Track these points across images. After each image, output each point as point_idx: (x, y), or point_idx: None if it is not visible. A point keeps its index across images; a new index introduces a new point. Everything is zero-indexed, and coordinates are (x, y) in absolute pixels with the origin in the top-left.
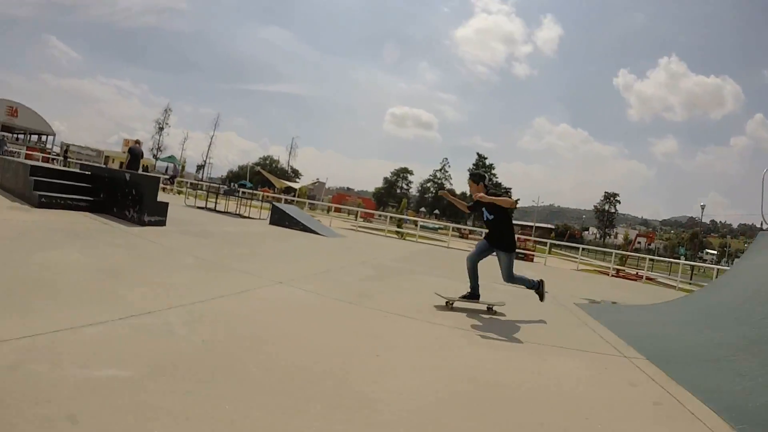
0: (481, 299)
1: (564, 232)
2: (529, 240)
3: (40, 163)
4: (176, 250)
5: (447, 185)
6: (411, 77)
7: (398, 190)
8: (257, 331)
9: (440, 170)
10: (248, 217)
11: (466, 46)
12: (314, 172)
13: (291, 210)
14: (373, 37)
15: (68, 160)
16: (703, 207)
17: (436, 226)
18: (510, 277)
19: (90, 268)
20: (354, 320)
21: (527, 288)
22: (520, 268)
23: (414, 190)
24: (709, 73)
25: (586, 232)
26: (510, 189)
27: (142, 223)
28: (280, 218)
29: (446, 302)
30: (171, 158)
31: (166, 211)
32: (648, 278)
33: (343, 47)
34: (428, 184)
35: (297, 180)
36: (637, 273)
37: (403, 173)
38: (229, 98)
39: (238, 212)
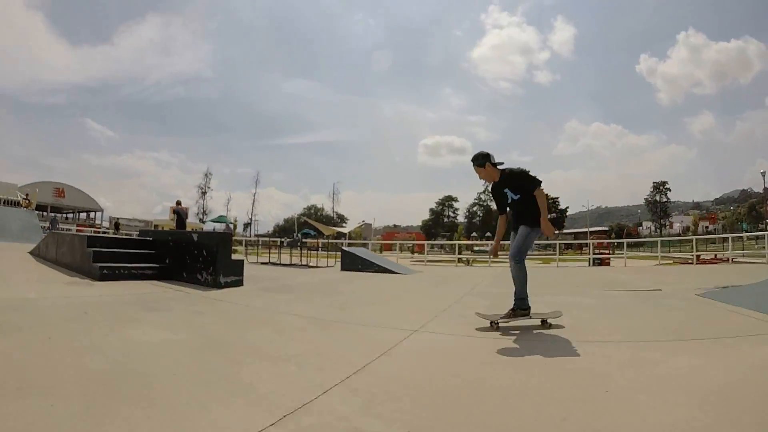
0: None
1: (619, 232)
2: (602, 243)
3: (97, 234)
4: (269, 310)
5: (493, 206)
6: (437, 105)
7: (445, 219)
8: (472, 401)
9: (483, 192)
10: (316, 267)
11: (485, 65)
12: (358, 214)
13: (361, 252)
14: (393, 72)
15: (119, 232)
16: (763, 174)
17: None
18: (518, 254)
19: (184, 346)
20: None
21: (517, 291)
22: (598, 274)
23: (461, 217)
24: (729, 38)
25: (640, 228)
26: (557, 198)
27: (218, 285)
28: (351, 262)
29: (490, 323)
30: (222, 218)
31: (242, 270)
32: (728, 260)
33: (366, 87)
34: (474, 208)
35: (344, 225)
36: (715, 256)
37: (447, 201)
38: (265, 155)
39: (304, 263)
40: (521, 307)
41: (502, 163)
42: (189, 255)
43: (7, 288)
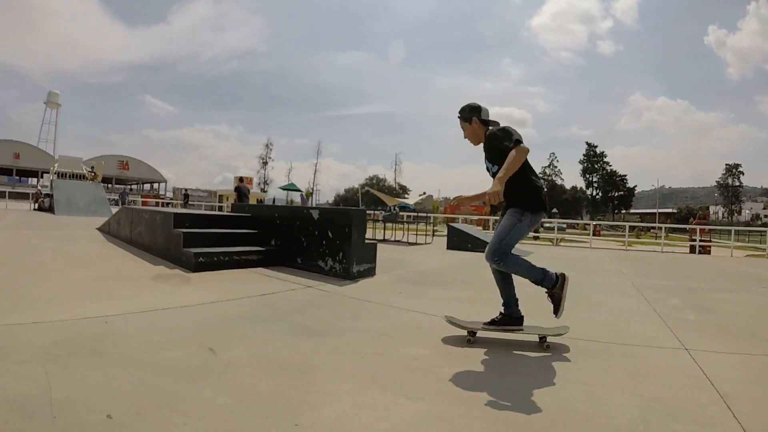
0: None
1: (688, 215)
2: (704, 230)
3: (185, 210)
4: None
5: (558, 181)
6: (496, 76)
7: None
8: None
9: (548, 166)
10: (416, 244)
11: (545, 34)
12: (418, 186)
13: (469, 229)
14: (450, 42)
15: (189, 204)
16: None
17: (559, 224)
18: (498, 252)
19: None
20: None
21: (531, 281)
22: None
23: None
24: None
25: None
26: (626, 176)
27: (351, 276)
28: (460, 240)
29: (468, 333)
30: (292, 185)
31: (376, 255)
32: None
33: (422, 58)
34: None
35: (406, 196)
36: None
37: None
38: (321, 126)
39: (398, 239)
40: (548, 283)
41: (496, 123)
42: (306, 236)
43: (77, 295)
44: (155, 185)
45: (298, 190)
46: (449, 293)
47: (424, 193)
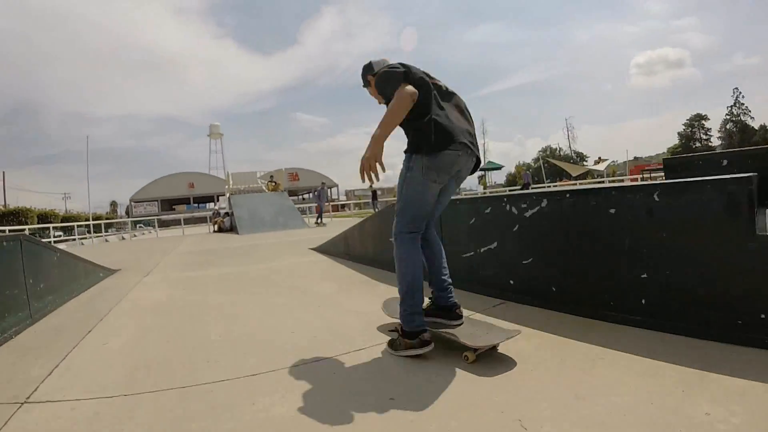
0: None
1: None
2: None
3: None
4: None
5: (748, 121)
6: (636, 16)
7: (698, 143)
8: None
9: (734, 105)
10: None
11: None
12: (588, 151)
13: None
14: None
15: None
16: None
17: None
18: (399, 225)
19: None
20: None
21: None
22: None
23: (714, 140)
24: None
25: None
26: None
27: None
28: None
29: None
30: (493, 163)
31: None
32: None
33: (556, 16)
34: (728, 126)
35: (584, 163)
36: None
37: (697, 121)
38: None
39: None
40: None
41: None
42: None
43: None
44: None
45: (498, 167)
46: None
47: (599, 158)
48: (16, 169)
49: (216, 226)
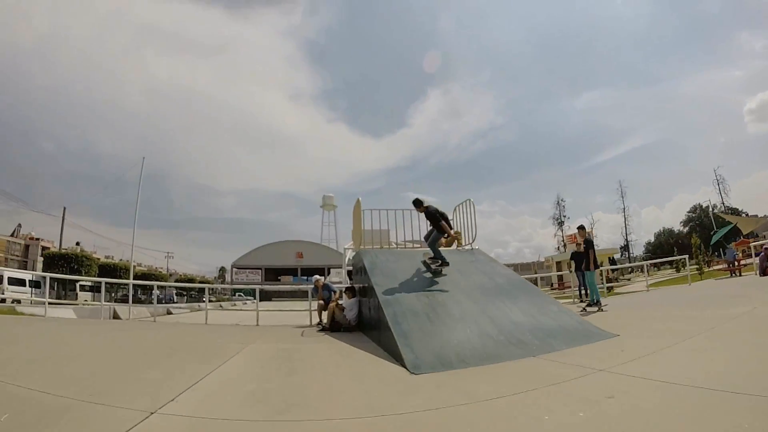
0: None
1: None
2: None
3: None
4: None
5: None
6: (740, 58)
7: None
8: None
9: None
10: None
11: None
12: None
13: None
14: (673, 39)
15: None
16: None
17: None
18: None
19: None
20: None
21: None
22: None
23: None
24: None
25: None
26: None
27: None
28: None
29: None
30: None
31: None
32: None
33: (659, 69)
34: None
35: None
36: None
37: None
38: (578, 180)
39: None
40: None
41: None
42: None
43: None
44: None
45: None
46: None
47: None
48: (144, 230)
49: (325, 318)
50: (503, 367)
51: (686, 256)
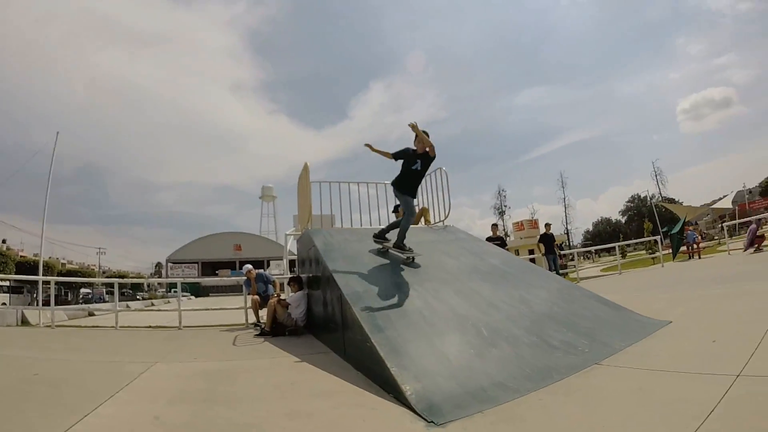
0: None
1: None
2: None
3: None
4: None
5: None
6: (676, 61)
7: None
8: None
9: None
10: None
11: None
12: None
13: None
14: (614, 43)
15: None
16: None
17: None
18: None
19: None
20: None
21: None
22: None
23: None
24: None
25: None
26: None
27: None
28: None
29: None
30: None
31: None
32: None
33: (600, 70)
34: None
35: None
36: None
37: None
38: (517, 173)
39: None
40: None
41: None
42: None
43: None
44: None
45: None
46: None
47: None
48: (78, 225)
49: (265, 320)
50: (573, 389)
51: (658, 237)
